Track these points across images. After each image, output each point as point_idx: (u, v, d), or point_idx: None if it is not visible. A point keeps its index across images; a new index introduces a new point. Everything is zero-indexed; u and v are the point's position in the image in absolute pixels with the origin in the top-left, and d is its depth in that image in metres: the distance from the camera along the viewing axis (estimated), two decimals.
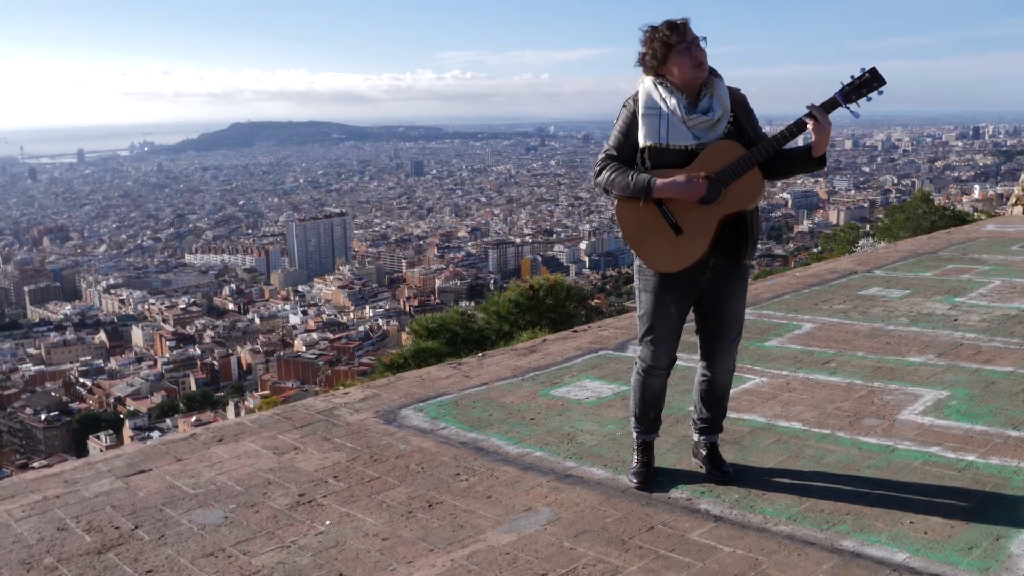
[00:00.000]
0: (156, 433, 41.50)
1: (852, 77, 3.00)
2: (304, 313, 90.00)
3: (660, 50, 3.09)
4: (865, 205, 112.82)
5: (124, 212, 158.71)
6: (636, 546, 2.94)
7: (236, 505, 3.43)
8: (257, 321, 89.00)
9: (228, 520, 3.30)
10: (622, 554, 2.89)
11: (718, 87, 3.15)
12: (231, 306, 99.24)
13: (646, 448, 3.53)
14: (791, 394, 4.58)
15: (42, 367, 77.65)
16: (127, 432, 51.11)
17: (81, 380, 73.21)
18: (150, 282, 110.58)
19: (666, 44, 3.08)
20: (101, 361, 79.01)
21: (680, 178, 3.08)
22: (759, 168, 3.11)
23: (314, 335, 78.31)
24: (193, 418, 47.01)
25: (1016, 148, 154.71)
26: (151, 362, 77.59)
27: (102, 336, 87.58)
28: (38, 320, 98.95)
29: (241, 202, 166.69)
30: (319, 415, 4.60)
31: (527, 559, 2.89)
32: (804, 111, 3.09)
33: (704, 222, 3.11)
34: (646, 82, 3.19)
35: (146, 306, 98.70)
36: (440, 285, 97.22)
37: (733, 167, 3.05)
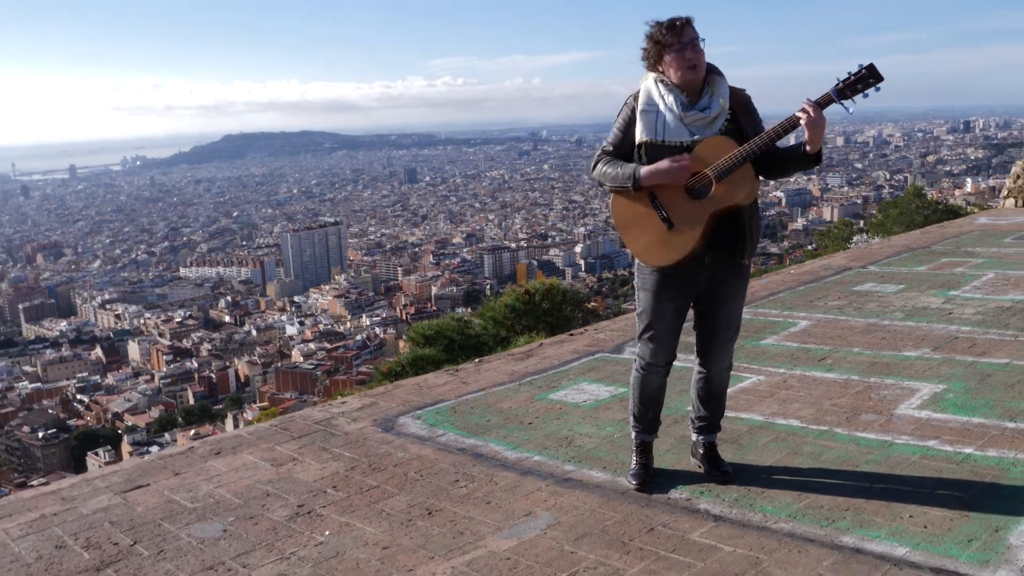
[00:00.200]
0: (155, 448, 41.35)
1: (849, 73, 3.00)
2: (301, 323, 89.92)
3: (655, 49, 3.13)
4: (858, 201, 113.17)
5: (118, 227, 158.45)
6: (637, 548, 2.94)
7: (235, 518, 3.42)
8: (254, 333, 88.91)
9: (227, 533, 3.29)
10: (623, 556, 2.89)
11: (719, 85, 3.16)
12: (227, 318, 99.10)
13: (645, 449, 3.53)
14: (788, 392, 4.58)
15: (39, 385, 77.32)
16: (126, 448, 50.93)
17: (78, 397, 72.99)
18: (145, 296, 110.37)
19: (661, 44, 3.10)
20: (98, 377, 78.81)
21: (663, 164, 3.10)
22: (755, 165, 3.12)
23: (311, 345, 78.22)
24: (192, 432, 46.81)
25: (1007, 141, 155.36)
26: (148, 377, 77.46)
27: (98, 352, 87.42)
28: (34, 337, 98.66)
29: (235, 214, 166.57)
30: (317, 425, 4.59)
31: (528, 564, 2.89)
32: (797, 108, 3.09)
33: (695, 216, 3.12)
34: (648, 79, 3.22)
35: (142, 321, 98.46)
36: (436, 292, 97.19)
37: (725, 162, 3.05)
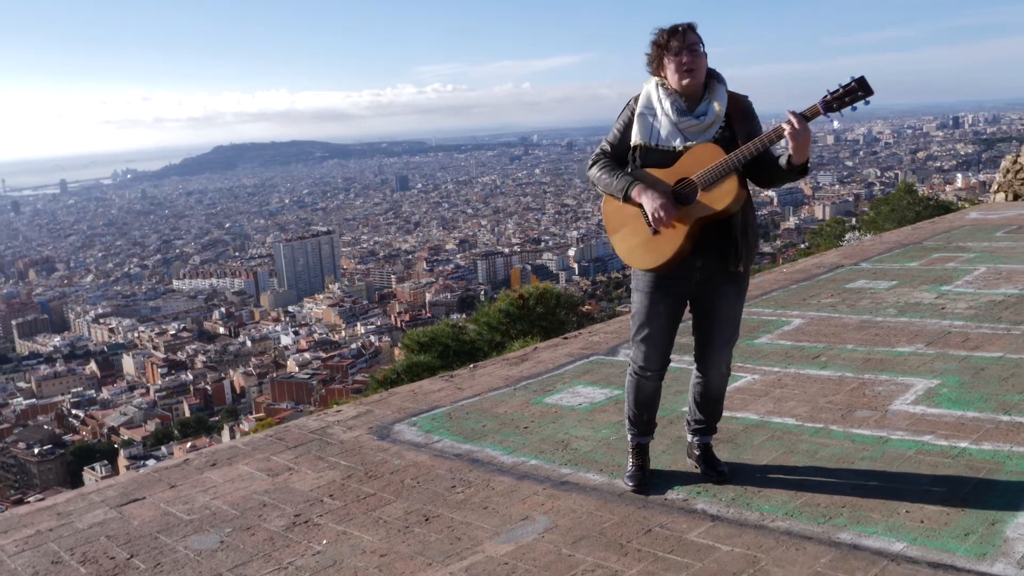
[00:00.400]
0: (152, 461, 41.15)
1: (839, 86, 3.00)
2: (295, 333, 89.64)
3: (657, 53, 3.17)
4: (850, 199, 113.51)
5: (109, 241, 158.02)
6: (634, 549, 2.94)
7: (231, 529, 3.41)
8: (248, 344, 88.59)
9: (224, 544, 3.27)
10: (621, 558, 2.89)
11: (718, 92, 3.18)
12: (222, 330, 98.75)
13: (641, 451, 3.53)
14: (783, 390, 4.59)
15: (33, 400, 76.88)
16: (122, 462, 50.69)
17: (73, 412, 72.64)
18: (139, 310, 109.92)
19: (659, 47, 3.14)
20: (93, 392, 78.41)
21: (656, 200, 3.11)
22: (746, 173, 3.14)
23: (306, 355, 78.00)
24: (188, 444, 46.64)
25: (996, 136, 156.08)
26: (143, 390, 77.10)
27: (93, 366, 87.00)
28: (27, 353, 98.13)
29: (227, 225, 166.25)
30: (312, 434, 4.58)
31: (526, 568, 2.88)
32: (783, 109, 3.11)
33: (679, 222, 3.15)
34: (650, 83, 3.26)
35: (136, 334, 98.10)
36: (431, 299, 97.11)
37: (710, 171, 3.08)
